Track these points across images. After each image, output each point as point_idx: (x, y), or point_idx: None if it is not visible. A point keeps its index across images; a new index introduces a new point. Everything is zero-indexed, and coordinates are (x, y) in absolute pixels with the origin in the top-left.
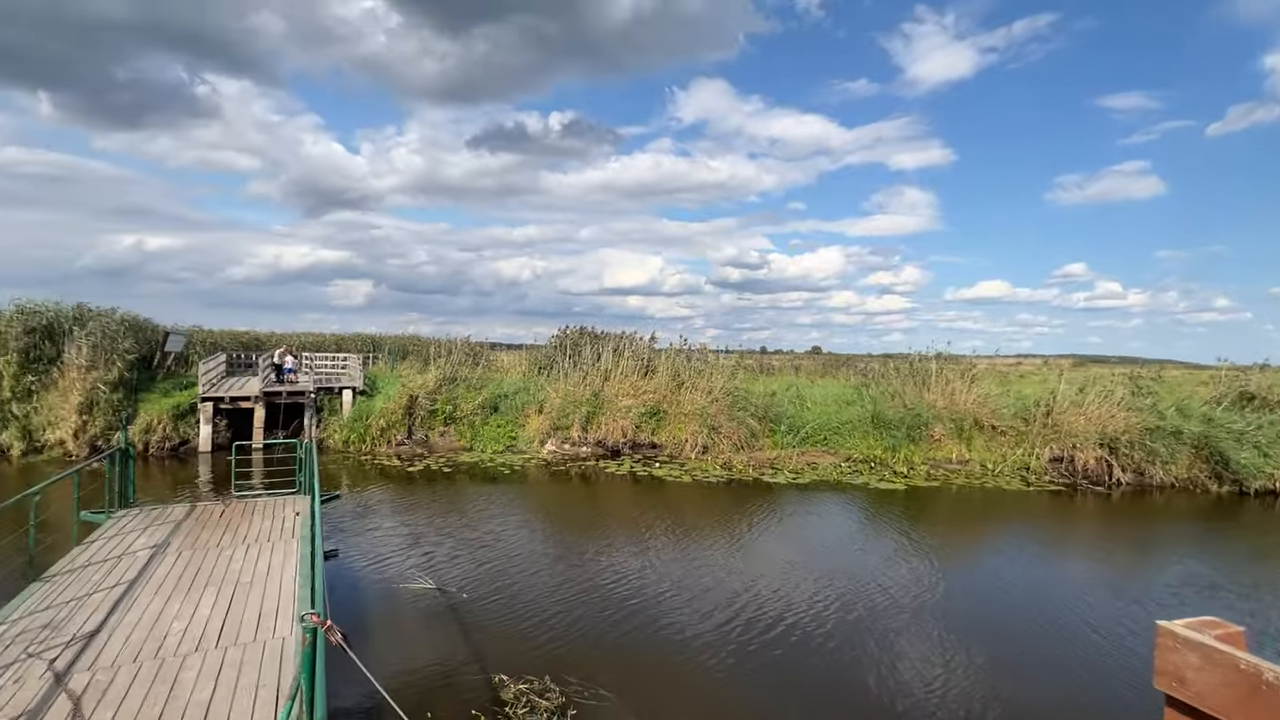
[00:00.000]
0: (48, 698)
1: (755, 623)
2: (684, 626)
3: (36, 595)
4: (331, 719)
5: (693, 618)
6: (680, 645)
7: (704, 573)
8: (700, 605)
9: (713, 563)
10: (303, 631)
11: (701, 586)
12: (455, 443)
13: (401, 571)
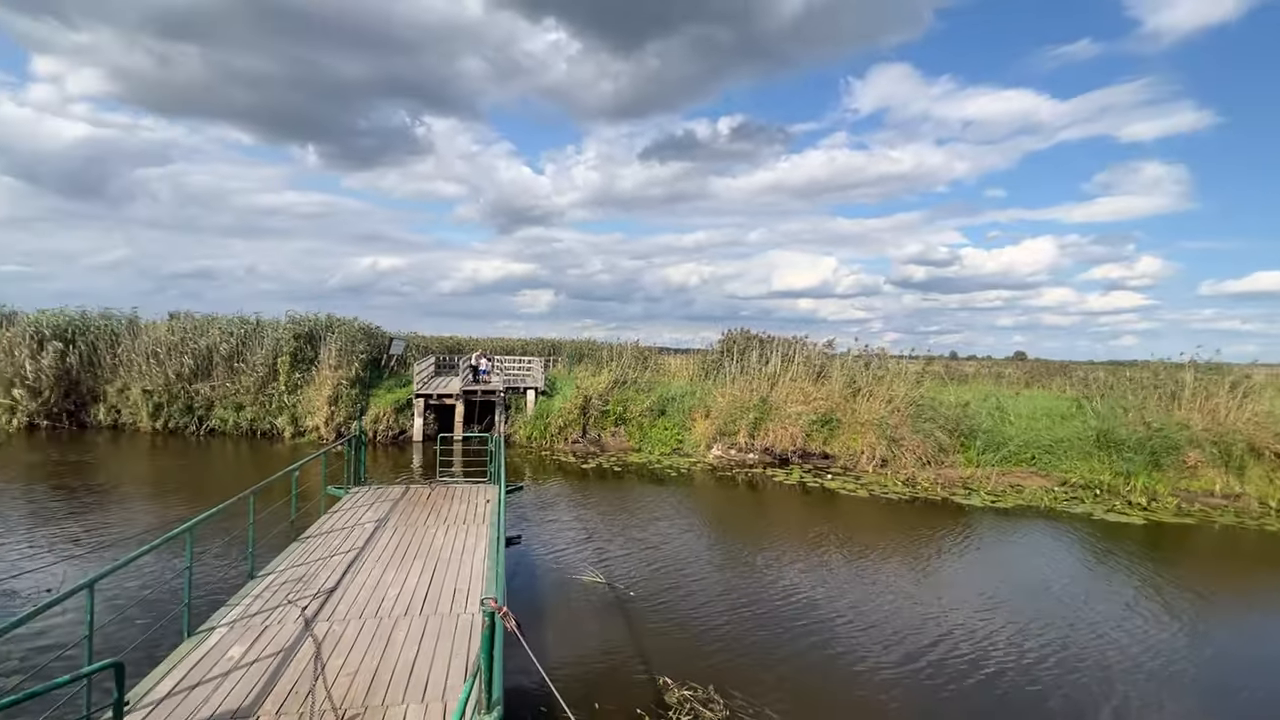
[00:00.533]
0: (299, 639)
1: (947, 664)
2: (861, 656)
3: (295, 552)
4: (507, 696)
5: (871, 647)
6: (857, 676)
7: (884, 598)
8: (880, 634)
9: (894, 588)
10: (483, 615)
11: (881, 614)
12: (625, 443)
13: (575, 563)
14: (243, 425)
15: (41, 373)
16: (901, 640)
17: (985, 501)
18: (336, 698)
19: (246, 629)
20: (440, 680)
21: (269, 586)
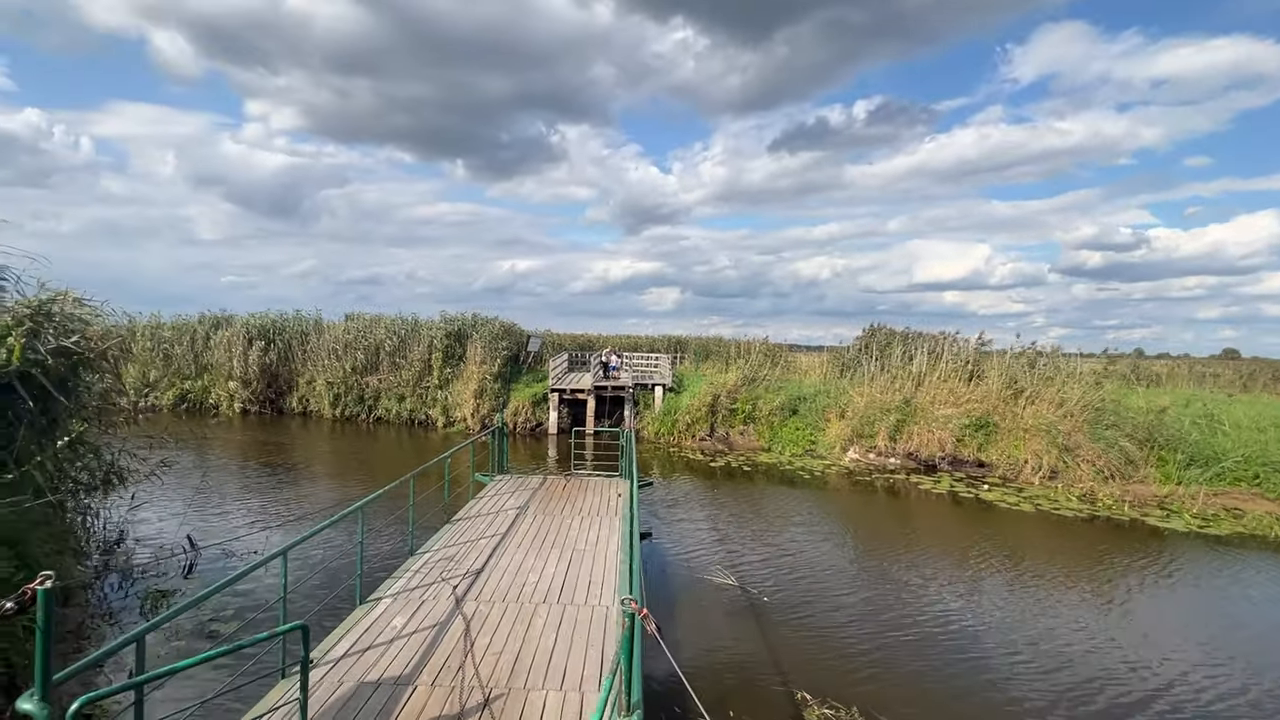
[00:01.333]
0: (451, 616)
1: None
2: (1034, 701)
3: (447, 534)
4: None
5: (1045, 691)
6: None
7: (1060, 633)
8: (1058, 678)
9: (1074, 622)
10: (623, 616)
11: (1068, 654)
12: (754, 442)
13: (705, 563)
14: (403, 415)
15: (250, 366)
16: (1088, 686)
17: (1191, 526)
18: (483, 676)
19: (407, 602)
20: (577, 670)
21: (425, 564)
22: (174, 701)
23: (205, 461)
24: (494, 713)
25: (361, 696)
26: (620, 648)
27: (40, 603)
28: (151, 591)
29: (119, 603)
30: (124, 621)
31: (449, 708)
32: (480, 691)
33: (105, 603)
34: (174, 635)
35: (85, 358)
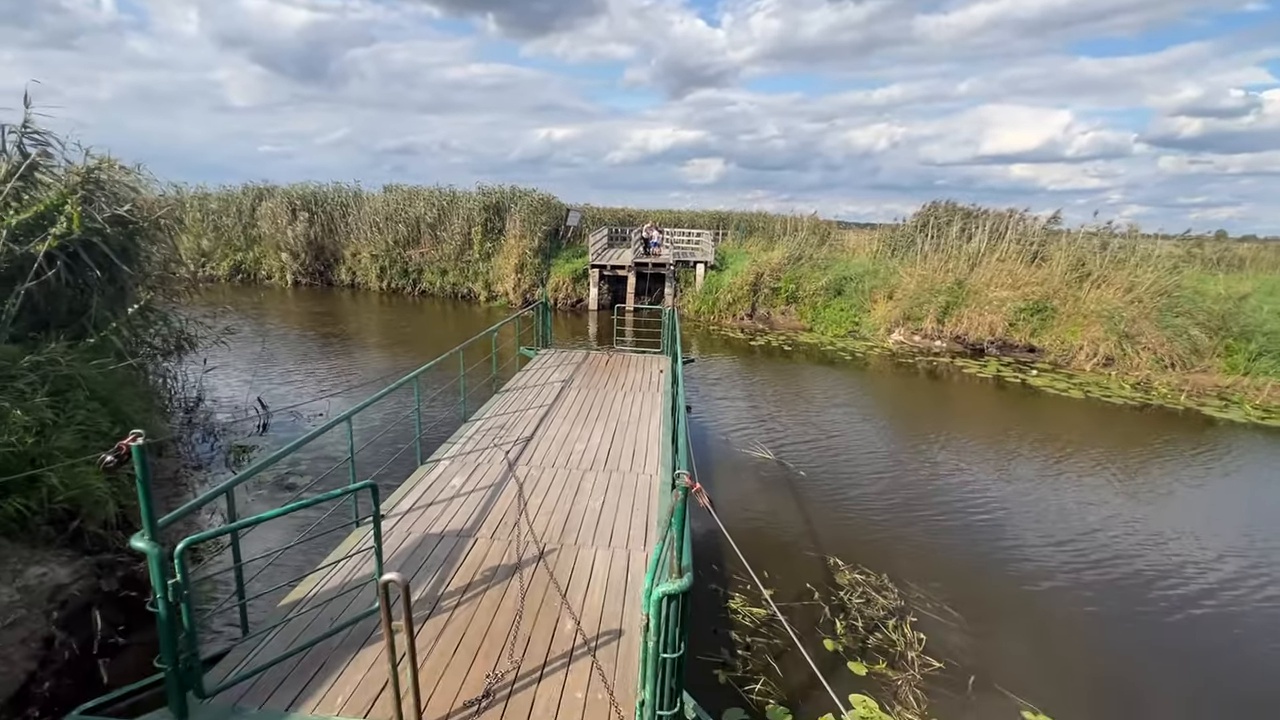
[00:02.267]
0: (505, 479)
1: (1172, 597)
2: (1062, 581)
3: (497, 404)
4: None
5: (1074, 572)
6: (1051, 593)
7: (1095, 517)
8: (1087, 559)
9: (1106, 505)
10: (676, 489)
11: (1091, 535)
12: (796, 322)
13: (744, 439)
14: (446, 288)
15: (297, 238)
16: (1130, 574)
17: (1251, 417)
18: (537, 532)
19: (464, 464)
20: (624, 531)
21: (479, 430)
22: (263, 542)
23: (264, 330)
24: (548, 565)
25: (428, 546)
26: (672, 516)
27: (136, 457)
28: (234, 447)
29: (207, 456)
30: (213, 472)
31: (507, 558)
32: (535, 546)
33: (195, 455)
34: (256, 486)
35: (140, 226)
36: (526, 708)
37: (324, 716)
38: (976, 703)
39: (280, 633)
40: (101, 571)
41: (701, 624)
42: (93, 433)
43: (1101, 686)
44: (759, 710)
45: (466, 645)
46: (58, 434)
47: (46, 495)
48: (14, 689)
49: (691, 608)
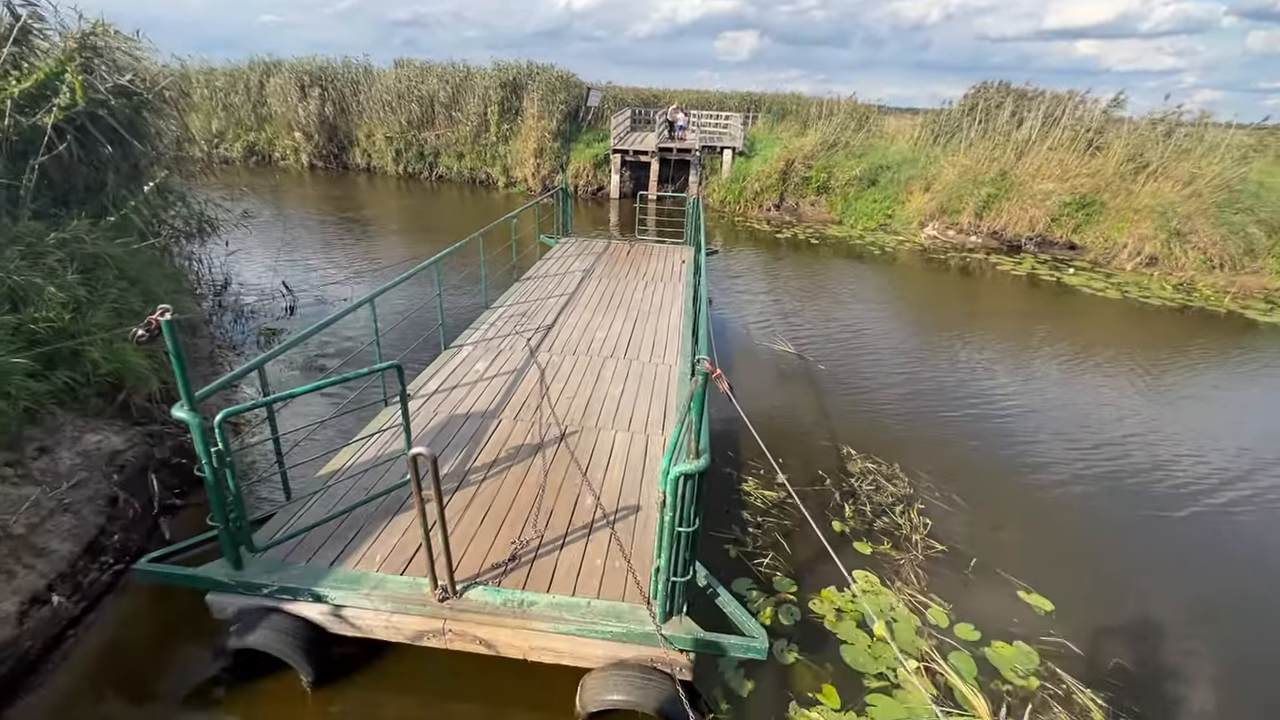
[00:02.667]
0: (526, 365)
1: (1185, 501)
2: (1075, 482)
3: (518, 291)
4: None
5: (1089, 473)
6: (1061, 490)
7: (1116, 420)
8: (1104, 461)
9: (1130, 407)
10: (696, 374)
11: (1112, 438)
12: (825, 214)
13: (764, 332)
14: (464, 173)
15: (309, 117)
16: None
17: None
18: (559, 415)
19: (486, 349)
20: (643, 416)
21: (500, 317)
22: (299, 419)
23: (283, 214)
24: (569, 446)
25: (454, 425)
26: (691, 401)
27: (165, 331)
28: (264, 329)
29: (239, 338)
30: (245, 352)
31: (530, 439)
32: (556, 428)
33: (228, 337)
34: (288, 367)
35: (146, 99)
36: (550, 571)
37: (365, 572)
38: (974, 582)
39: (320, 499)
40: (152, 441)
41: (715, 504)
42: (126, 311)
43: (1100, 578)
44: (766, 581)
45: (493, 516)
46: (93, 311)
47: (91, 370)
48: (87, 540)
49: (706, 488)
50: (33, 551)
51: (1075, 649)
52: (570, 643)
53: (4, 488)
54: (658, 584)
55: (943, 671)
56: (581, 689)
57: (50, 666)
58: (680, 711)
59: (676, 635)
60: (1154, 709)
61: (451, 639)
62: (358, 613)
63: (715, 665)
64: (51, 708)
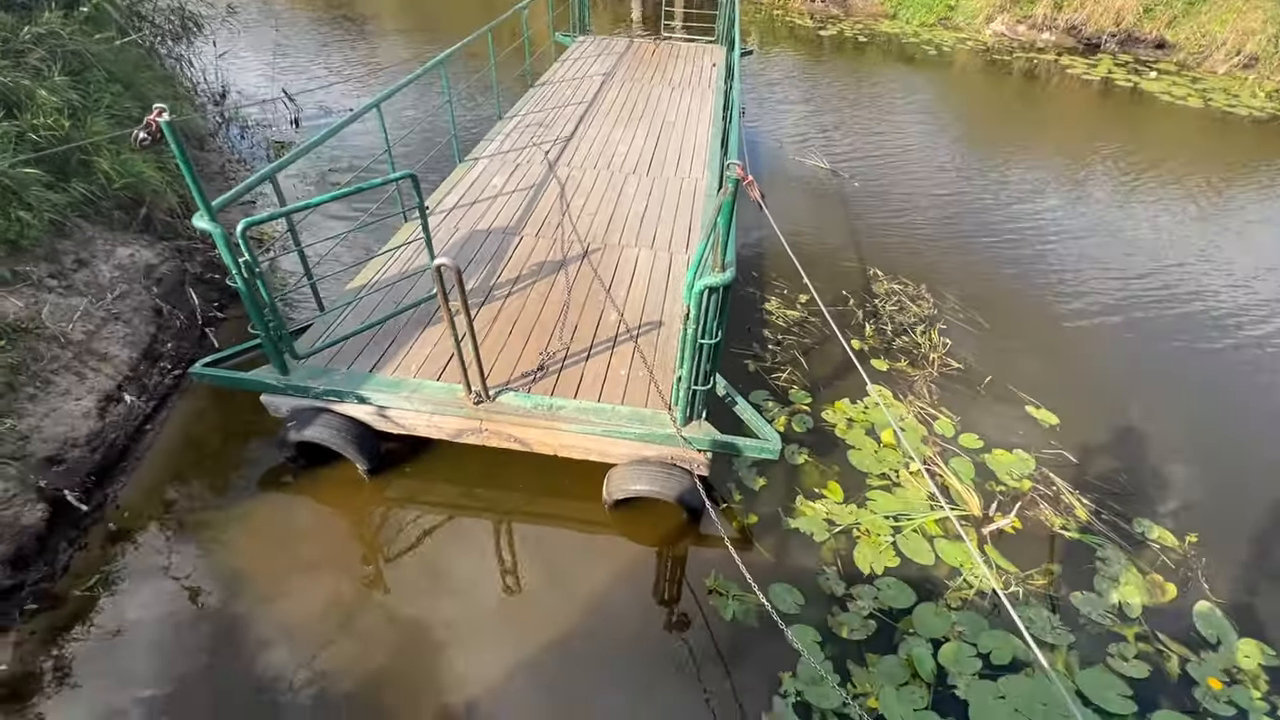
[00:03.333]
0: (545, 179)
1: (1221, 336)
2: (1102, 301)
3: (533, 99)
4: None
5: (1121, 297)
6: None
7: (1164, 247)
8: (1143, 288)
9: (1185, 236)
10: (725, 181)
11: (1152, 268)
12: (876, 7)
13: (799, 145)
14: None
15: None
16: (1167, 296)
17: None
18: (581, 232)
19: (503, 163)
20: (666, 234)
21: (515, 128)
22: (316, 231)
23: (271, 10)
24: (592, 263)
25: (475, 241)
26: (719, 212)
27: (167, 134)
28: (271, 142)
29: (247, 151)
30: (255, 166)
31: (552, 255)
32: (579, 245)
33: (235, 150)
34: (301, 182)
35: None
36: (576, 380)
37: (403, 378)
38: (985, 398)
39: (353, 310)
40: (182, 255)
41: (736, 323)
42: (125, 118)
43: (1115, 401)
44: (782, 394)
45: (519, 329)
46: (90, 118)
47: (106, 182)
48: (143, 347)
49: (729, 302)
50: (96, 356)
51: (1072, 458)
52: (597, 442)
53: (53, 297)
54: (679, 392)
55: (941, 473)
56: (608, 480)
57: (137, 455)
58: (697, 500)
59: (695, 437)
60: (1134, 510)
61: (488, 437)
62: (400, 413)
63: (731, 465)
64: (145, 490)
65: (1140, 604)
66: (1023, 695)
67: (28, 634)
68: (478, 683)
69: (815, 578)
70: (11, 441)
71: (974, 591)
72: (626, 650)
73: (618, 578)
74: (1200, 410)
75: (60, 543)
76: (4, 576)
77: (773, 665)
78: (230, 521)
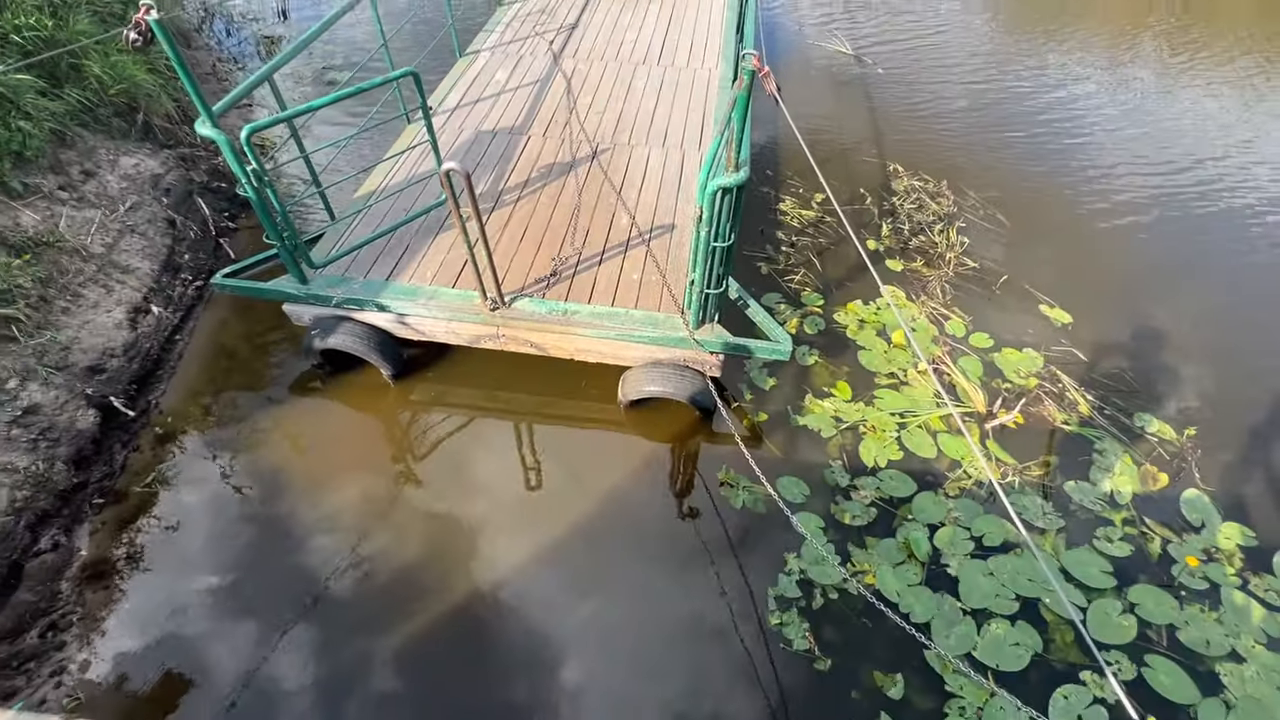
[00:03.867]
0: (551, 73)
1: (1263, 231)
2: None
3: None
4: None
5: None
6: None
7: (1208, 138)
8: (1177, 186)
9: (1231, 125)
10: (741, 73)
11: (1190, 163)
12: None
13: (821, 30)
14: None
15: None
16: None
17: None
18: (589, 131)
19: (505, 56)
20: (678, 131)
21: (516, 16)
22: (321, 141)
23: None
24: (602, 164)
25: (481, 143)
26: (734, 108)
27: (159, 34)
28: (260, 37)
29: (235, 48)
30: (248, 65)
31: (560, 156)
32: (588, 145)
33: (225, 48)
34: (297, 83)
35: None
36: (589, 285)
37: (419, 286)
38: (1000, 297)
39: (363, 219)
40: (186, 164)
41: (749, 225)
42: (109, 16)
43: (1134, 300)
44: (794, 296)
45: (530, 235)
46: (72, 16)
47: (100, 88)
48: (162, 259)
49: (743, 202)
50: (119, 269)
51: (1081, 356)
52: (611, 346)
53: (66, 210)
54: (691, 295)
55: (949, 372)
56: (623, 382)
57: (171, 364)
58: (709, 400)
59: (708, 339)
60: (1136, 406)
61: (505, 342)
62: (419, 320)
63: (742, 366)
64: (183, 396)
65: (1131, 492)
66: (1009, 572)
67: (100, 524)
68: (504, 566)
69: (821, 471)
70: (54, 352)
71: (972, 482)
72: (642, 537)
73: (633, 473)
74: (1220, 311)
75: (114, 445)
76: (71, 475)
77: (778, 548)
78: (266, 424)
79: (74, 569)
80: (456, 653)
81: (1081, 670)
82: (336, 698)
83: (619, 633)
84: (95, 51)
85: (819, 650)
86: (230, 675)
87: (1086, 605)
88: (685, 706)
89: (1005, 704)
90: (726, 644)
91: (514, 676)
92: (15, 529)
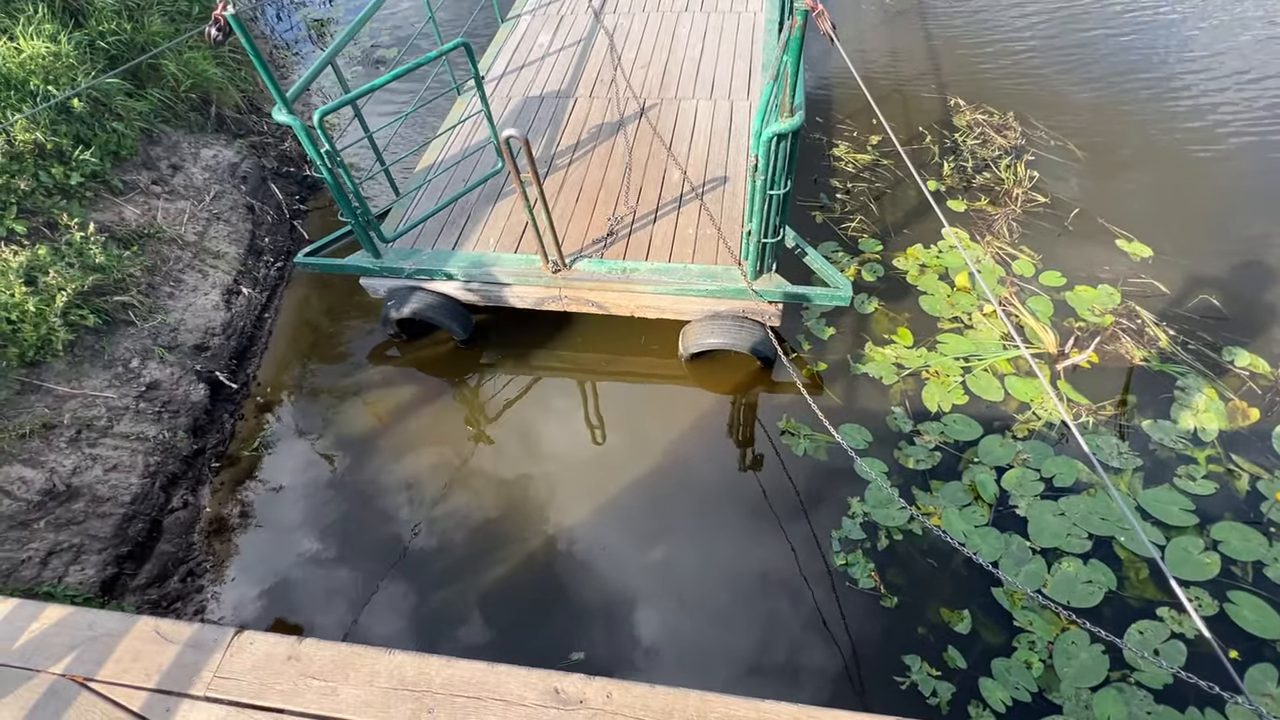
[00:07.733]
0: (592, 30)
1: None
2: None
3: None
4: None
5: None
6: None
7: None
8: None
9: None
10: (793, 13)
11: None
12: None
13: None
14: None
15: None
16: None
17: None
18: (635, 88)
19: (547, 18)
20: (725, 80)
21: None
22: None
23: None
24: (650, 120)
25: (530, 109)
26: (786, 49)
27: (236, 29)
28: (310, 20)
29: (286, 33)
30: (301, 51)
31: (609, 116)
32: (635, 102)
33: (278, 35)
34: (349, 63)
35: None
36: (646, 242)
37: (483, 253)
38: (1072, 233)
39: (425, 192)
40: (257, 151)
41: (801, 174)
42: (177, 15)
43: (1223, 231)
44: (852, 243)
45: (585, 196)
46: (146, 18)
47: (175, 84)
48: (246, 243)
49: (798, 148)
50: (211, 255)
51: (1164, 289)
52: (670, 301)
53: (160, 203)
54: (749, 246)
55: (1017, 312)
56: (683, 335)
57: (263, 341)
58: (770, 349)
59: (766, 290)
60: (1224, 339)
61: (567, 303)
62: (485, 286)
63: (800, 317)
64: (277, 369)
65: (1217, 429)
66: (1081, 512)
67: (218, 485)
68: (574, 519)
69: (883, 418)
70: (165, 333)
71: (1042, 423)
72: (706, 486)
73: (696, 425)
74: None
75: (223, 415)
76: (191, 442)
77: (841, 493)
78: (352, 391)
79: (202, 523)
80: (534, 598)
81: (1159, 606)
82: (427, 636)
83: (687, 577)
84: (170, 49)
85: (884, 589)
86: (335, 618)
87: (1165, 543)
88: (754, 641)
89: (1077, 638)
90: (792, 583)
91: (590, 622)
92: (152, 490)
